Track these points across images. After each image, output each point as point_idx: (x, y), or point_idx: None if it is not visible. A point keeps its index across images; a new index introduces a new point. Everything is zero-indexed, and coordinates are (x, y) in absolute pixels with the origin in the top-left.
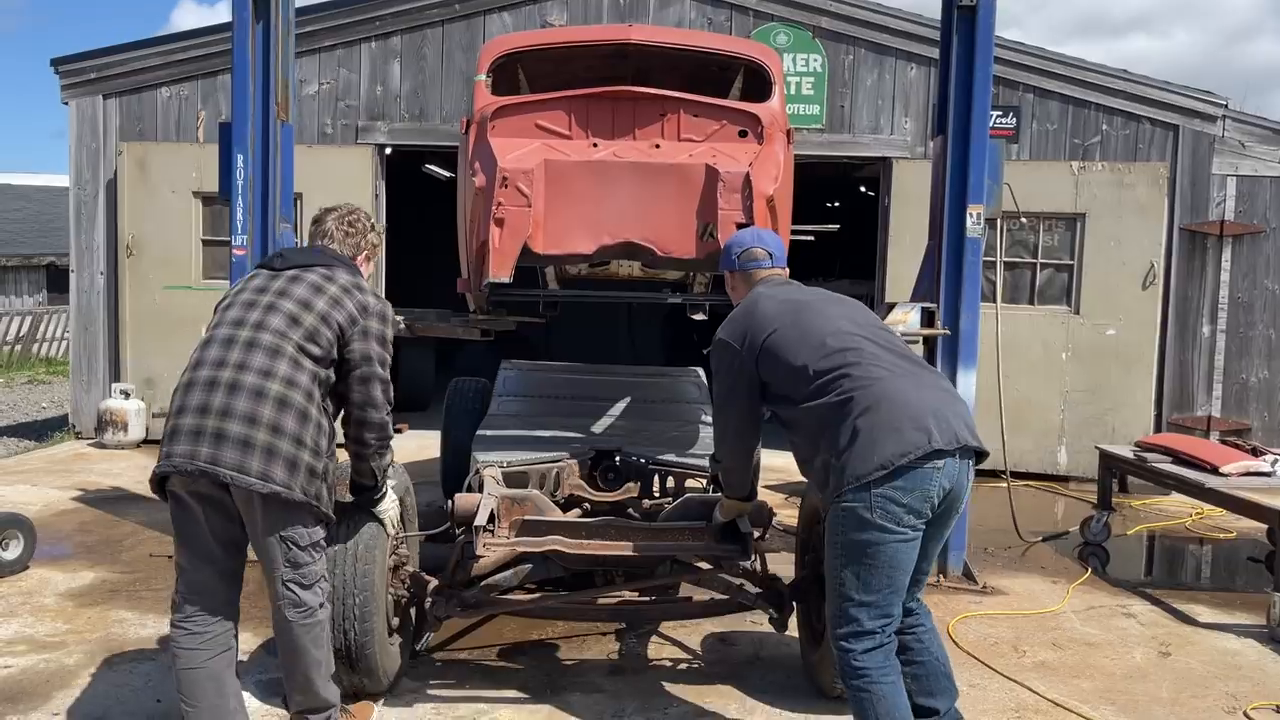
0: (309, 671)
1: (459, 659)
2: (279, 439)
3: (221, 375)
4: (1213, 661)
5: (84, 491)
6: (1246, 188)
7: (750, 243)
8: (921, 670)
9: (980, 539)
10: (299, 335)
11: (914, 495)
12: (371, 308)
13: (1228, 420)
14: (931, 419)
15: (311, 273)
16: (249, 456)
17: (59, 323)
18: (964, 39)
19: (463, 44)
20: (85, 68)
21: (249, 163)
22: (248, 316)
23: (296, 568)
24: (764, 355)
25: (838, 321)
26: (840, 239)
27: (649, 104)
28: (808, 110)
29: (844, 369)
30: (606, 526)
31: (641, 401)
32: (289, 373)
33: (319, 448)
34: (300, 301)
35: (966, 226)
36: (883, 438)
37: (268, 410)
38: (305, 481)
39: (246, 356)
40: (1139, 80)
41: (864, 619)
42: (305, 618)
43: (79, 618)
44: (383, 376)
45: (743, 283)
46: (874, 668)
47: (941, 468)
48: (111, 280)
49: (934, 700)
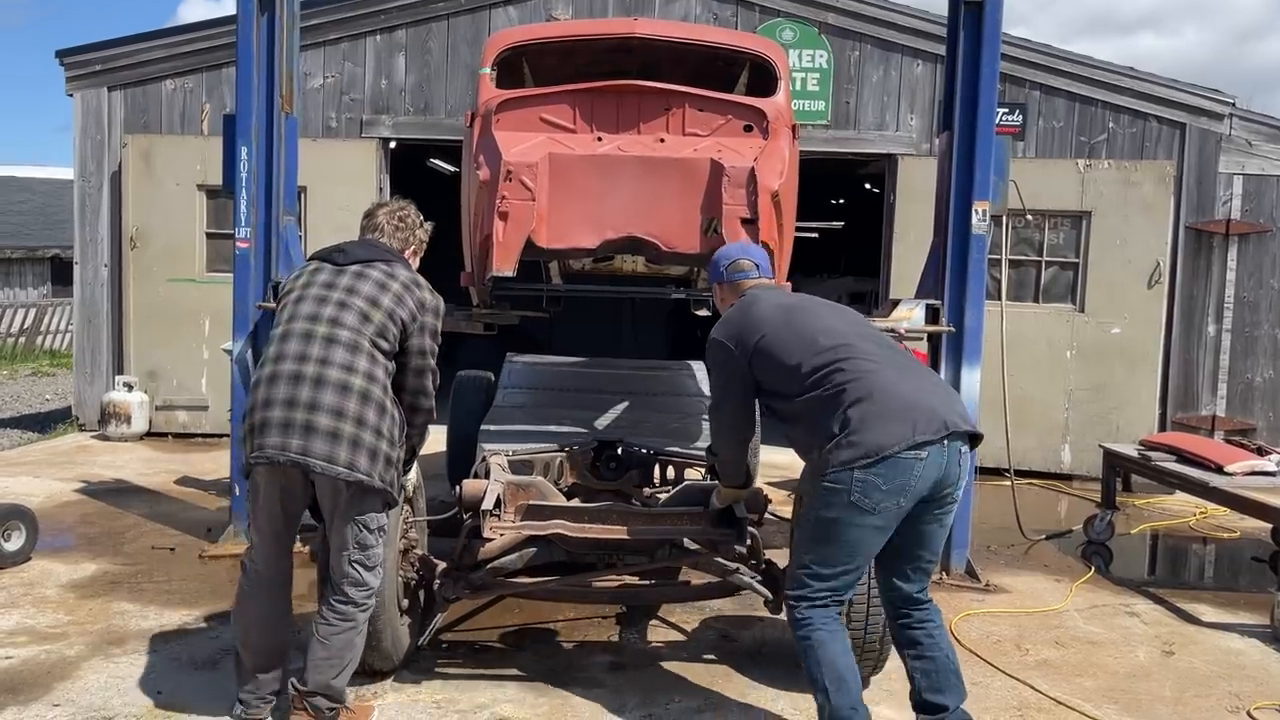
0: (347, 656)
1: (461, 653)
2: (363, 430)
3: (306, 370)
4: (1216, 661)
5: (86, 483)
6: (1253, 186)
7: (737, 255)
8: (931, 666)
9: (984, 537)
10: (371, 331)
11: (894, 483)
12: (428, 304)
13: (1232, 420)
14: (917, 411)
15: (374, 269)
16: (337, 448)
17: (63, 315)
18: (970, 35)
19: (468, 38)
20: (90, 60)
21: (253, 155)
22: (322, 312)
23: (364, 549)
24: (757, 355)
25: (828, 320)
26: (845, 235)
27: (654, 98)
28: (813, 106)
29: (836, 364)
30: (608, 511)
31: (643, 394)
32: (368, 368)
33: (394, 438)
34: (369, 299)
35: (972, 224)
36: (870, 427)
37: (353, 404)
38: (383, 469)
39: (328, 352)
40: (1146, 78)
41: (816, 587)
42: (366, 598)
43: (80, 609)
44: (434, 368)
45: (731, 293)
46: (816, 619)
47: (925, 458)
48: (115, 273)
49: (942, 697)
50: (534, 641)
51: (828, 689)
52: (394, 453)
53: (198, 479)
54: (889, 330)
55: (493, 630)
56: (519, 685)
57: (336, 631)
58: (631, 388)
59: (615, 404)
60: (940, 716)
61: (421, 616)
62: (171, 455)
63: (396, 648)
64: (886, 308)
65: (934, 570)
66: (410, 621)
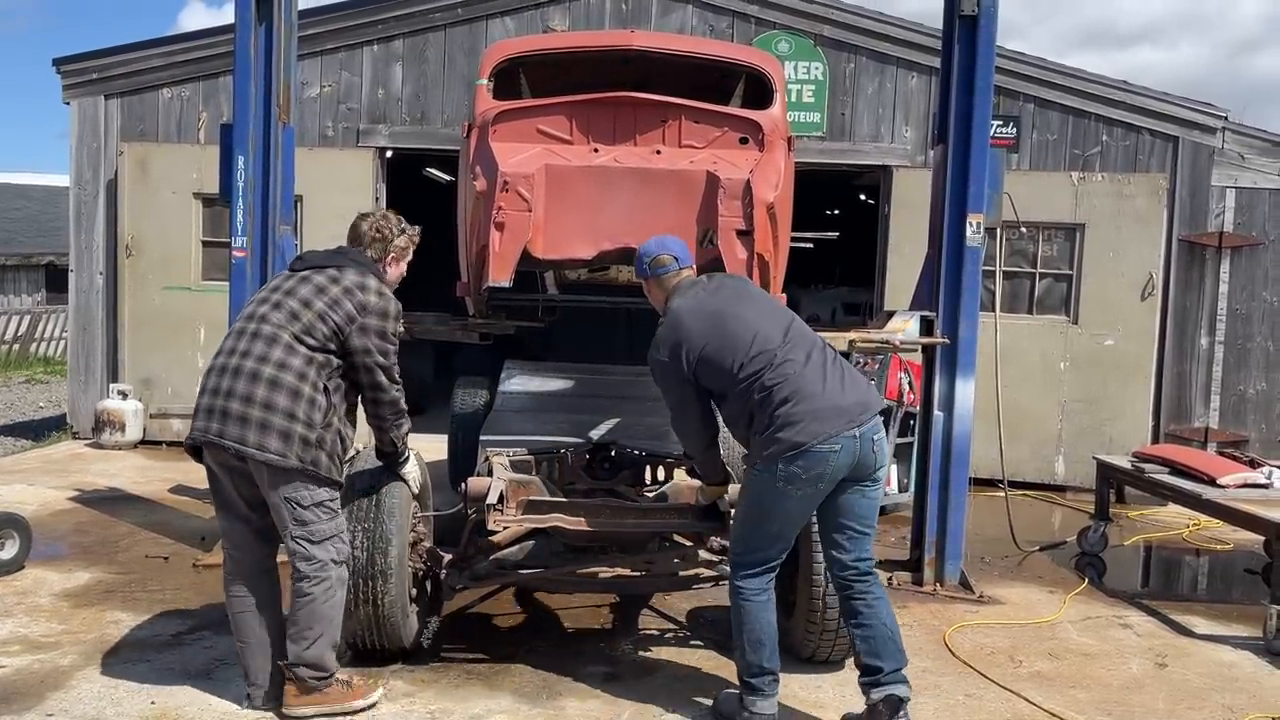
0: (315, 626)
1: (456, 663)
2: (271, 414)
3: (230, 361)
4: (1209, 673)
5: (81, 491)
6: (1245, 199)
7: (655, 250)
8: (870, 634)
9: (977, 548)
10: (297, 328)
11: (812, 472)
12: (371, 306)
13: (1225, 432)
14: (832, 410)
15: (321, 274)
16: (247, 430)
17: (57, 322)
18: (965, 48)
19: (465, 48)
20: (87, 68)
21: (250, 165)
22: (258, 311)
23: (303, 525)
24: (700, 365)
25: (755, 325)
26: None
27: (650, 110)
28: (808, 118)
29: (764, 368)
30: (603, 506)
31: (635, 399)
32: (282, 357)
33: (311, 420)
34: (302, 300)
35: (966, 235)
36: (792, 425)
37: (261, 390)
38: (300, 450)
39: (250, 345)
40: (1139, 91)
41: (751, 559)
42: (317, 571)
43: (74, 618)
44: (383, 364)
45: (657, 287)
46: (749, 589)
47: (839, 449)
48: (111, 280)
49: (879, 660)
50: (528, 651)
51: (745, 648)
52: (313, 434)
53: (192, 487)
54: (883, 342)
55: (488, 640)
56: (513, 696)
57: (297, 606)
58: (624, 393)
59: (609, 409)
60: (876, 677)
61: (429, 604)
62: (166, 463)
63: (406, 631)
64: (881, 319)
65: (870, 540)
66: (418, 609)
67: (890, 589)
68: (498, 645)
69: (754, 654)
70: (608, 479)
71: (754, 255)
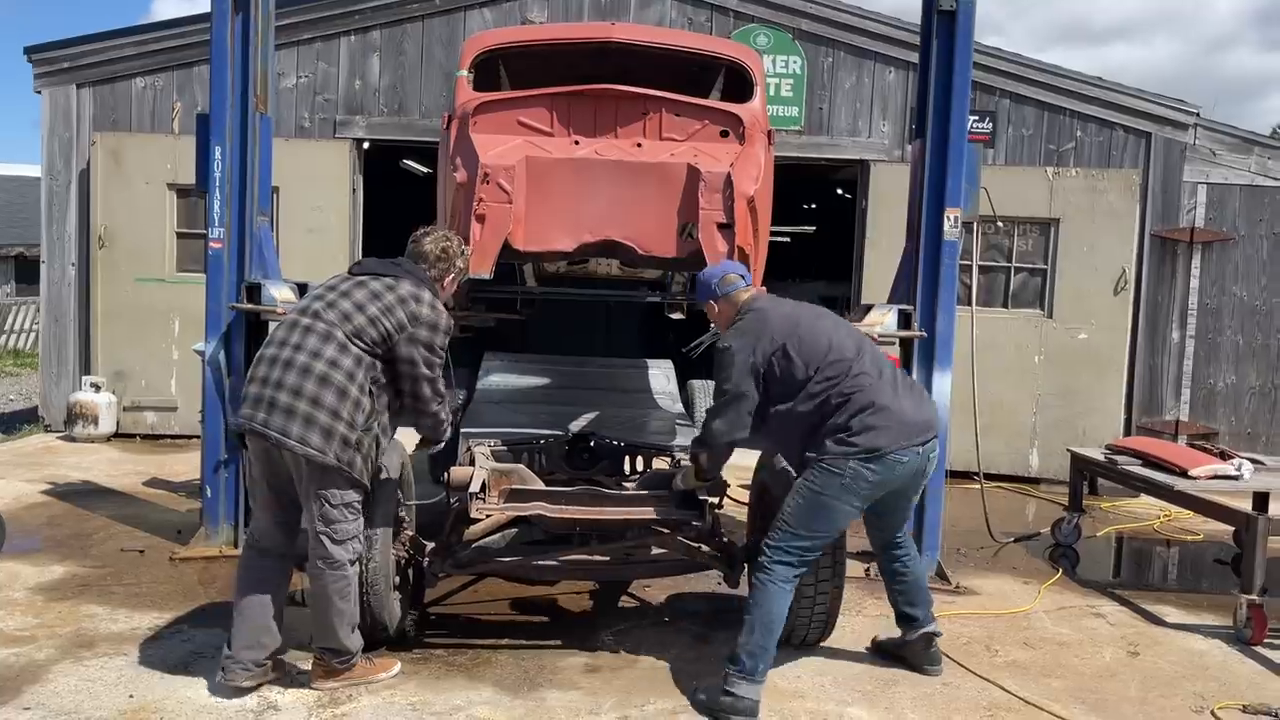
0: (333, 619)
1: (436, 654)
2: (317, 410)
3: (282, 354)
4: (1180, 661)
5: (53, 485)
6: (1217, 195)
7: (723, 271)
8: (906, 587)
9: (953, 540)
10: (348, 329)
11: (877, 478)
12: (423, 318)
13: (1196, 424)
14: (906, 424)
15: (378, 281)
16: (292, 423)
17: (28, 314)
18: (943, 43)
19: (443, 39)
20: (59, 57)
21: (227, 155)
22: (312, 306)
23: (329, 523)
24: (774, 362)
25: (831, 335)
26: (817, 240)
27: (631, 103)
28: (787, 112)
29: (839, 377)
30: (583, 494)
31: (614, 390)
32: (334, 355)
33: (354, 421)
34: (357, 303)
35: (944, 230)
36: (870, 430)
37: (310, 385)
38: (339, 449)
39: (303, 339)
40: (1113, 88)
41: (791, 546)
42: (332, 569)
43: (49, 612)
44: (428, 376)
45: (729, 306)
46: (779, 575)
47: (905, 461)
48: (83, 272)
49: (915, 609)
50: (509, 643)
51: (756, 628)
52: (353, 435)
53: (167, 480)
54: None
55: (469, 631)
56: (494, 687)
57: (314, 596)
58: (603, 385)
59: (588, 400)
60: (914, 624)
61: (412, 591)
62: (140, 456)
63: (390, 619)
64: (859, 313)
65: (908, 518)
66: (401, 596)
67: (868, 579)
68: (479, 636)
69: (763, 637)
70: (587, 469)
71: (734, 248)
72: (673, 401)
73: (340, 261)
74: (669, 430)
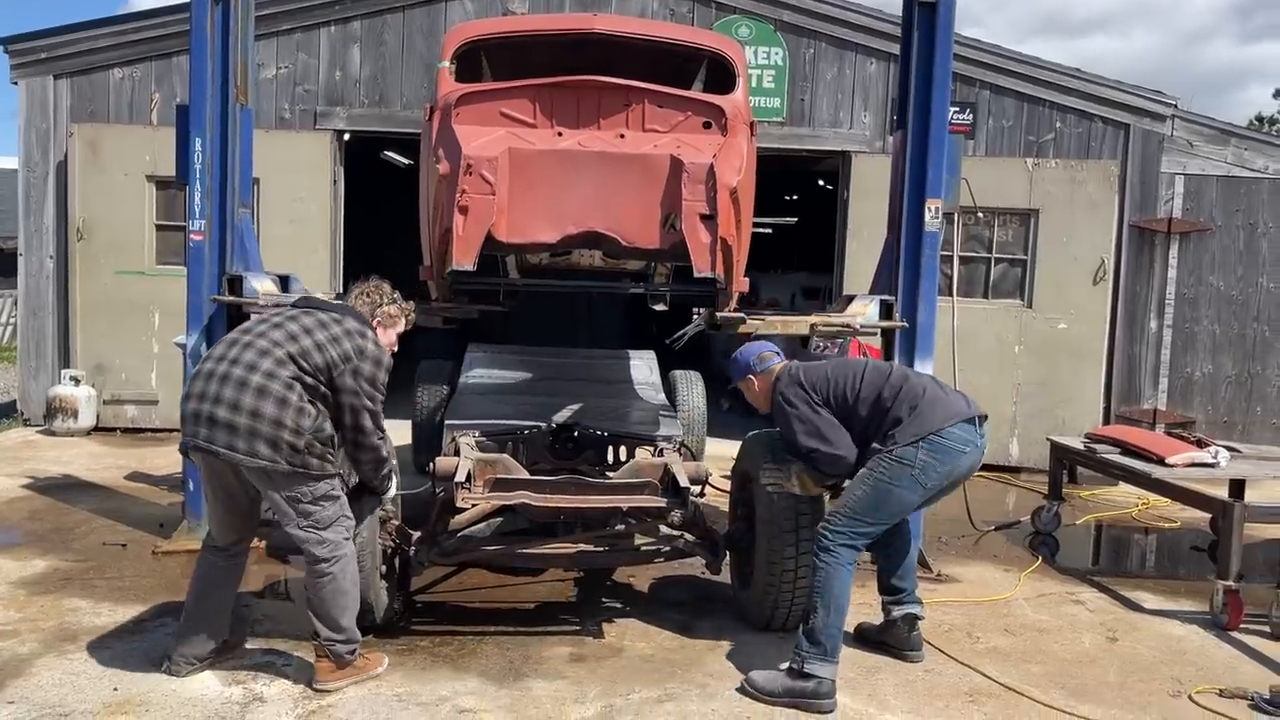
0: (340, 606)
1: (421, 646)
2: (258, 422)
3: (219, 368)
4: (1158, 647)
5: (34, 479)
6: (1194, 186)
7: (760, 350)
8: (898, 558)
9: (935, 528)
10: (293, 348)
11: (946, 467)
12: (368, 352)
13: (1173, 413)
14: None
15: (324, 314)
16: (236, 438)
17: (5, 307)
18: (924, 35)
19: (424, 29)
20: (35, 47)
21: (208, 146)
22: (256, 327)
23: (307, 517)
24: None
25: (864, 363)
26: (799, 232)
27: (614, 94)
28: (768, 103)
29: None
30: (567, 483)
31: (597, 381)
32: (271, 368)
33: (299, 427)
34: (304, 327)
35: (925, 221)
36: (924, 415)
37: (248, 398)
38: (289, 454)
39: (241, 353)
40: (1091, 79)
41: (852, 531)
42: (332, 552)
43: (31, 606)
44: (369, 408)
45: (765, 380)
46: (845, 557)
47: (968, 453)
48: (61, 264)
49: (903, 582)
50: (494, 633)
51: (830, 610)
52: (300, 440)
53: (148, 474)
54: (843, 326)
55: (454, 621)
56: (480, 677)
57: (320, 588)
58: (586, 375)
59: (572, 391)
60: (899, 596)
61: (398, 580)
62: (121, 450)
63: (377, 607)
64: (841, 303)
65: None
66: (388, 585)
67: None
68: (464, 626)
69: (836, 616)
70: (571, 459)
71: (717, 239)
72: (655, 392)
73: (321, 253)
74: (652, 420)
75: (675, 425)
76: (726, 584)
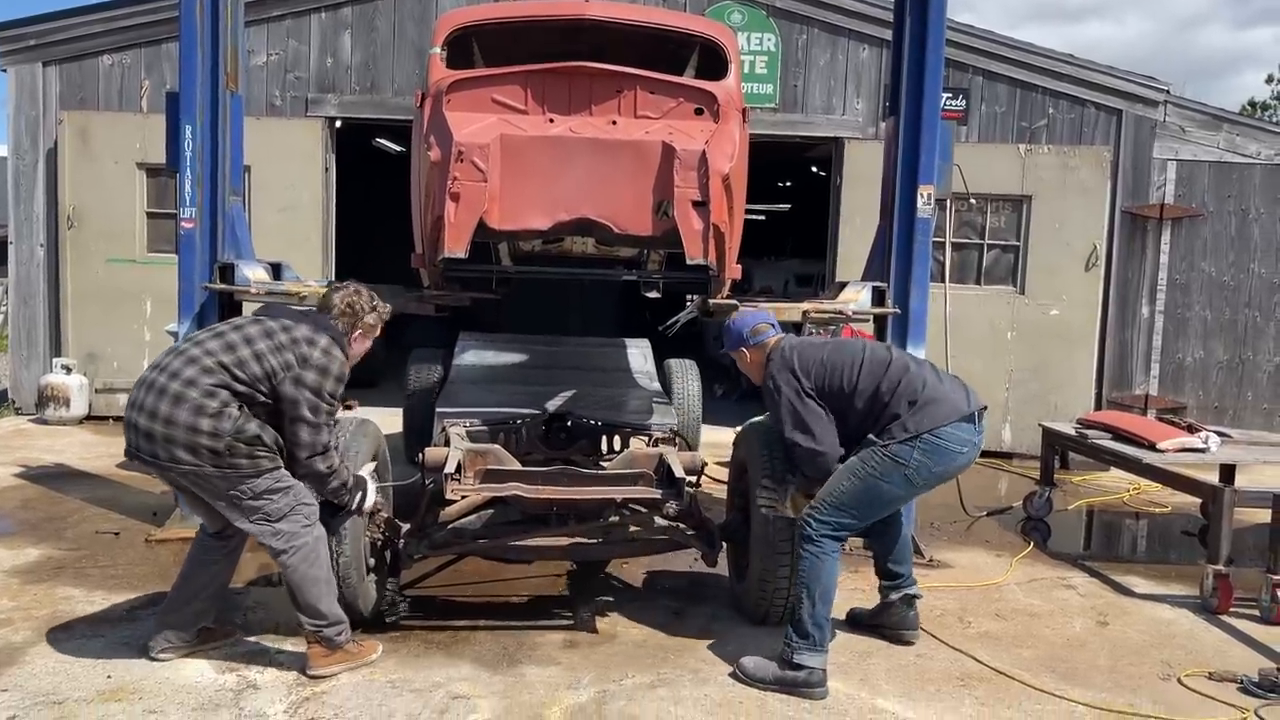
0: (314, 592)
1: (415, 632)
2: (172, 429)
3: (150, 375)
4: (1149, 631)
5: (26, 468)
6: (1186, 172)
7: (754, 321)
8: (891, 543)
9: (927, 514)
10: (228, 359)
11: (940, 468)
12: (312, 360)
13: (1164, 398)
14: (954, 400)
15: (275, 321)
16: (156, 445)
17: None
18: (916, 21)
19: (415, 16)
20: (24, 34)
21: (198, 134)
22: (199, 336)
23: (255, 512)
24: (817, 379)
25: (863, 346)
26: (792, 218)
27: (606, 80)
28: (761, 89)
29: (880, 379)
30: (560, 474)
31: (591, 369)
32: (193, 375)
33: (217, 430)
34: (246, 336)
35: (917, 207)
36: (923, 412)
37: (164, 406)
38: (210, 458)
39: (172, 361)
40: (1084, 65)
41: (837, 521)
42: (288, 543)
43: (25, 594)
44: (308, 420)
45: (759, 353)
46: (830, 547)
47: (965, 453)
48: (52, 252)
49: (900, 567)
50: (488, 620)
51: (815, 601)
52: (220, 443)
53: None
54: (836, 313)
55: (447, 610)
56: (474, 664)
57: (288, 578)
58: (579, 364)
59: (564, 379)
60: (897, 581)
61: (387, 573)
62: (113, 439)
63: (365, 601)
64: (834, 290)
65: None
66: (376, 579)
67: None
68: (457, 615)
69: (824, 606)
70: (564, 448)
71: (709, 226)
72: (650, 380)
73: (313, 240)
74: (646, 409)
75: (670, 414)
76: (721, 573)
